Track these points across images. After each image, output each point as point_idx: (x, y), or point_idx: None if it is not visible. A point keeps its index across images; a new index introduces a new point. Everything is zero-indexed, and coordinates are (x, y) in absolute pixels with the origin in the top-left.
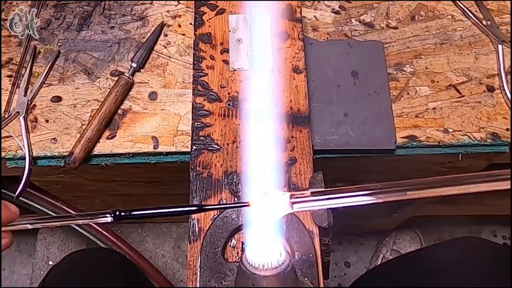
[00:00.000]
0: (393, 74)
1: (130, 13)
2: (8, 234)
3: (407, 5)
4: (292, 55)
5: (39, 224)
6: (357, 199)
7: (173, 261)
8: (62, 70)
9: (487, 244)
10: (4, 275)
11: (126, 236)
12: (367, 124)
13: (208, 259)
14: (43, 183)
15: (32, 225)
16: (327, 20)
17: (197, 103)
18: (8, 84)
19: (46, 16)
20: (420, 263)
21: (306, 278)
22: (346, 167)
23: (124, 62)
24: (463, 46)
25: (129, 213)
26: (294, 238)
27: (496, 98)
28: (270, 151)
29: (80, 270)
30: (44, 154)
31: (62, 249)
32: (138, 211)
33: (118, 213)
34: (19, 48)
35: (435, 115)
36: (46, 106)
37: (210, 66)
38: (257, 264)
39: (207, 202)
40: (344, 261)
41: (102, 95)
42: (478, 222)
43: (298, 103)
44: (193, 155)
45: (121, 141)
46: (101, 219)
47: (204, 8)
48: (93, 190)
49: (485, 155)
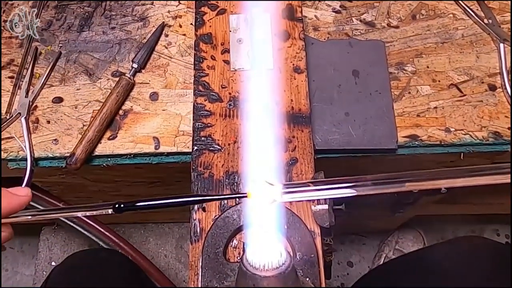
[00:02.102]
0: (394, 73)
1: (131, 13)
2: (8, 228)
3: (408, 4)
4: (293, 55)
5: (40, 216)
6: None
7: (175, 261)
8: (63, 71)
9: (489, 244)
10: (7, 275)
11: (128, 237)
12: (368, 124)
13: (210, 260)
14: (45, 184)
15: (33, 217)
16: (328, 19)
17: (198, 103)
18: (9, 85)
19: (47, 17)
20: (423, 263)
21: (307, 278)
22: (347, 167)
23: (125, 62)
24: (464, 45)
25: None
26: (296, 238)
27: (498, 97)
28: (271, 151)
29: (82, 271)
30: (45, 155)
31: (65, 249)
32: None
33: (118, 206)
34: (20, 49)
35: (437, 114)
36: (47, 107)
37: (211, 66)
38: (258, 264)
39: (209, 202)
40: (346, 261)
41: (103, 95)
42: (481, 221)
43: (299, 102)
44: (194, 155)
45: (123, 141)
46: (102, 210)
47: (205, 8)
48: (95, 190)
49: (487, 154)
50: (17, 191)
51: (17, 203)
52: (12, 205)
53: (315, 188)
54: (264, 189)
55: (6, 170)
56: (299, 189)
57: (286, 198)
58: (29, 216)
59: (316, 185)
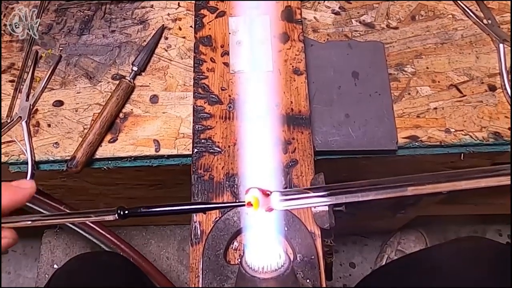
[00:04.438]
0: (394, 74)
1: (130, 16)
2: (12, 233)
3: (407, 5)
4: (293, 56)
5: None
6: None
7: (177, 264)
8: (64, 75)
9: (491, 244)
10: (10, 278)
11: (130, 239)
12: (368, 125)
13: (210, 262)
14: (46, 187)
15: (33, 222)
16: (327, 21)
17: (198, 105)
18: (10, 89)
19: (48, 21)
20: (425, 264)
21: (308, 280)
22: (347, 168)
23: (125, 65)
24: (464, 45)
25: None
26: (296, 239)
27: (498, 97)
28: (271, 153)
29: (84, 274)
30: (46, 158)
31: (67, 252)
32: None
33: (122, 212)
34: (20, 53)
35: (437, 115)
36: (48, 110)
37: (211, 68)
38: (257, 266)
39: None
40: (348, 262)
41: (103, 99)
42: (483, 221)
43: (299, 104)
44: (195, 157)
45: (123, 144)
46: (105, 217)
47: (204, 11)
48: (96, 193)
49: (488, 154)
50: (20, 183)
51: (22, 196)
52: (17, 197)
53: (314, 195)
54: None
55: (7, 173)
56: (297, 197)
57: (284, 206)
58: (29, 221)
59: (316, 192)
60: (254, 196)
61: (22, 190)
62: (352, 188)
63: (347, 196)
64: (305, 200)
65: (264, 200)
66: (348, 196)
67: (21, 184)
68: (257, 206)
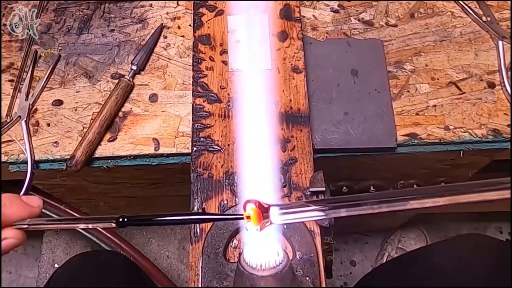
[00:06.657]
0: (393, 72)
1: (129, 16)
2: (16, 233)
3: (406, 3)
4: (291, 54)
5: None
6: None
7: (178, 262)
8: (63, 74)
9: (492, 242)
10: (11, 278)
11: (130, 238)
12: (367, 123)
13: (210, 260)
14: (46, 187)
15: (30, 226)
16: (326, 19)
17: (197, 104)
18: (9, 88)
19: (47, 20)
20: (426, 261)
21: (307, 277)
22: (347, 166)
23: (124, 64)
24: (463, 42)
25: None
26: (295, 237)
27: (497, 94)
28: (270, 151)
29: (84, 273)
30: (46, 157)
31: (68, 251)
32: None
33: (122, 220)
34: (20, 52)
35: (436, 113)
36: (47, 110)
37: (210, 67)
38: (255, 264)
39: (208, 203)
40: (349, 260)
41: (103, 98)
42: (483, 219)
43: (298, 102)
44: (194, 156)
45: (122, 143)
46: (105, 224)
47: (203, 10)
48: (96, 192)
49: (487, 151)
50: (30, 200)
51: (28, 214)
52: (23, 214)
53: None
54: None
55: (7, 173)
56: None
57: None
58: (26, 225)
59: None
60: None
61: (30, 209)
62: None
63: (347, 210)
64: (304, 214)
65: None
66: (348, 210)
67: (30, 201)
68: (256, 222)
